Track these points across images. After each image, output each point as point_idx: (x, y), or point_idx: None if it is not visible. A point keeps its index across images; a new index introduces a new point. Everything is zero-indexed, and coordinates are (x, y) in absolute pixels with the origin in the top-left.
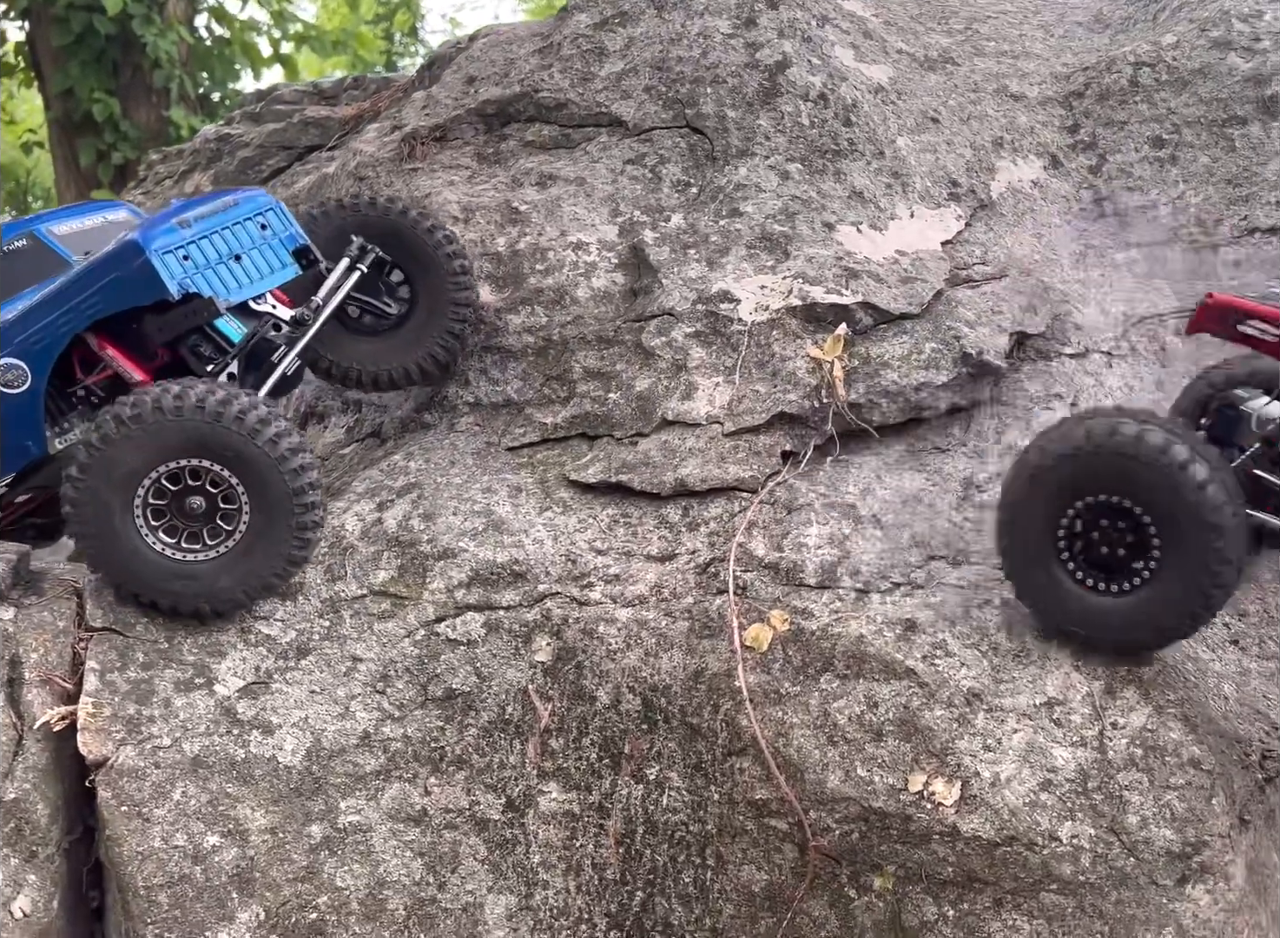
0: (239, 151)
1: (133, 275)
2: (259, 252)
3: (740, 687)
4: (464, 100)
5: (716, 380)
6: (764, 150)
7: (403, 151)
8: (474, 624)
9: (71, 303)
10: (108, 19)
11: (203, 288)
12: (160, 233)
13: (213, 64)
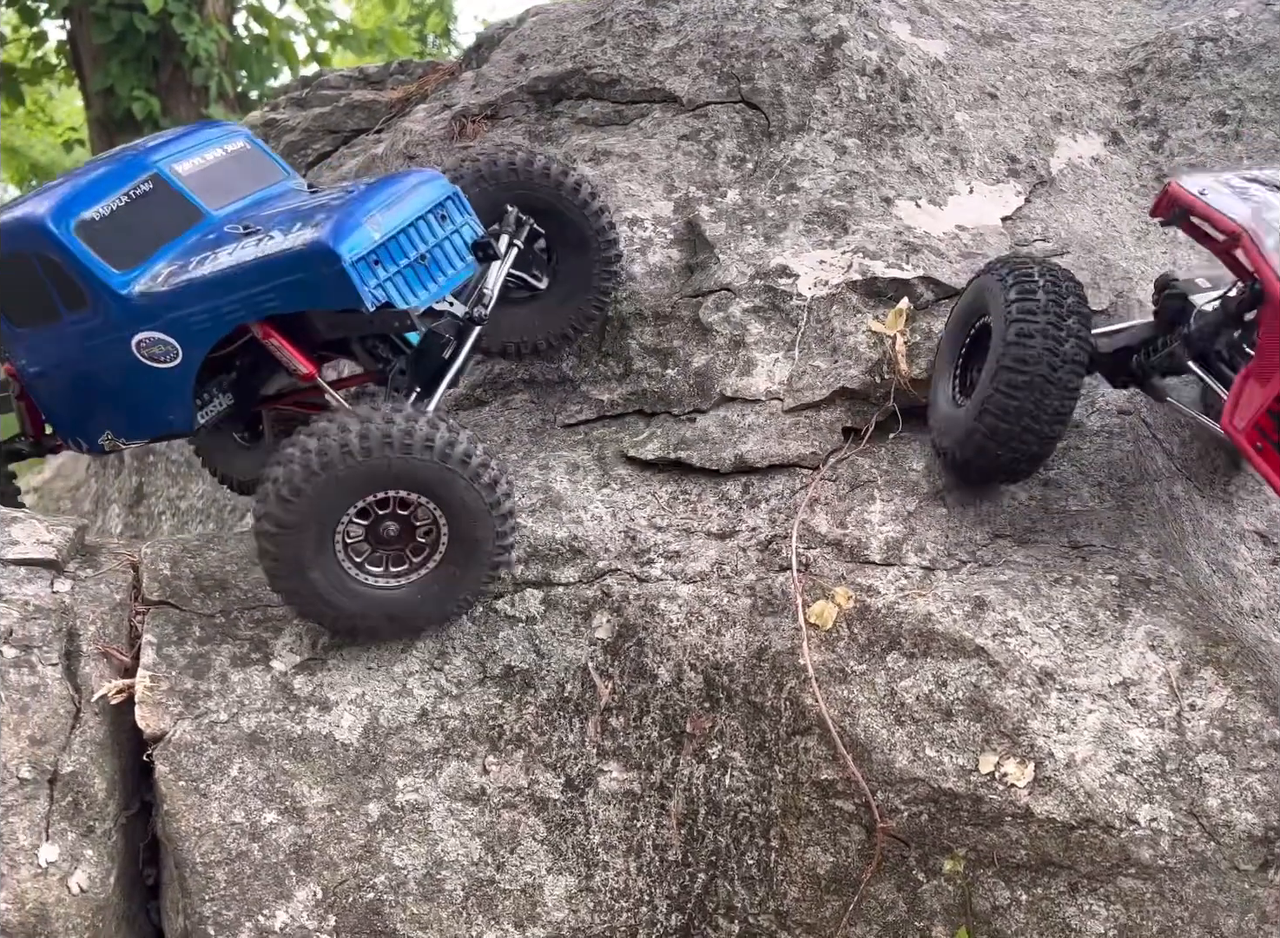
0: (284, 136)
1: (323, 282)
2: (441, 249)
3: (805, 664)
4: (515, 78)
5: (775, 356)
6: (820, 125)
7: (453, 130)
8: (533, 601)
9: (244, 293)
10: (148, 17)
11: (394, 298)
12: (352, 235)
13: (250, 62)
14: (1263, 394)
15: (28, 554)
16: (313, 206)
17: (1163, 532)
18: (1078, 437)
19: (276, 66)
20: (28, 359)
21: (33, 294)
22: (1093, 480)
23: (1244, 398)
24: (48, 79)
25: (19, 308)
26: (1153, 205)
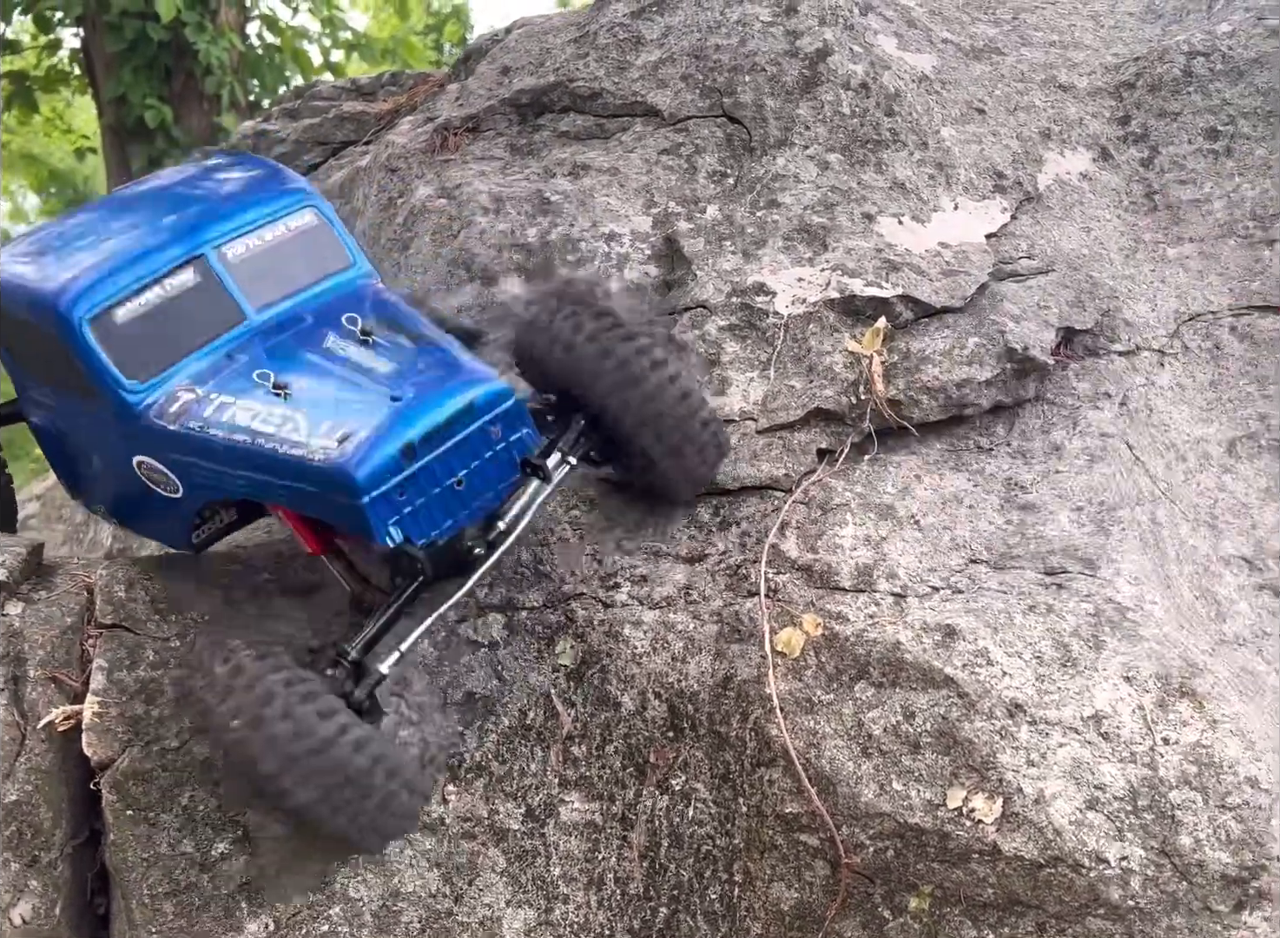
0: (275, 148)
1: (335, 505)
2: (482, 467)
3: (770, 694)
4: (498, 91)
5: (750, 375)
6: (803, 140)
7: (435, 143)
8: (495, 625)
9: (252, 474)
10: (161, 26)
11: (411, 532)
12: (379, 461)
13: (263, 71)
14: None
15: None
16: (351, 383)
17: (1143, 557)
18: (1056, 459)
19: (289, 75)
20: (33, 407)
21: (43, 357)
22: (1072, 504)
23: None
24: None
25: (27, 358)
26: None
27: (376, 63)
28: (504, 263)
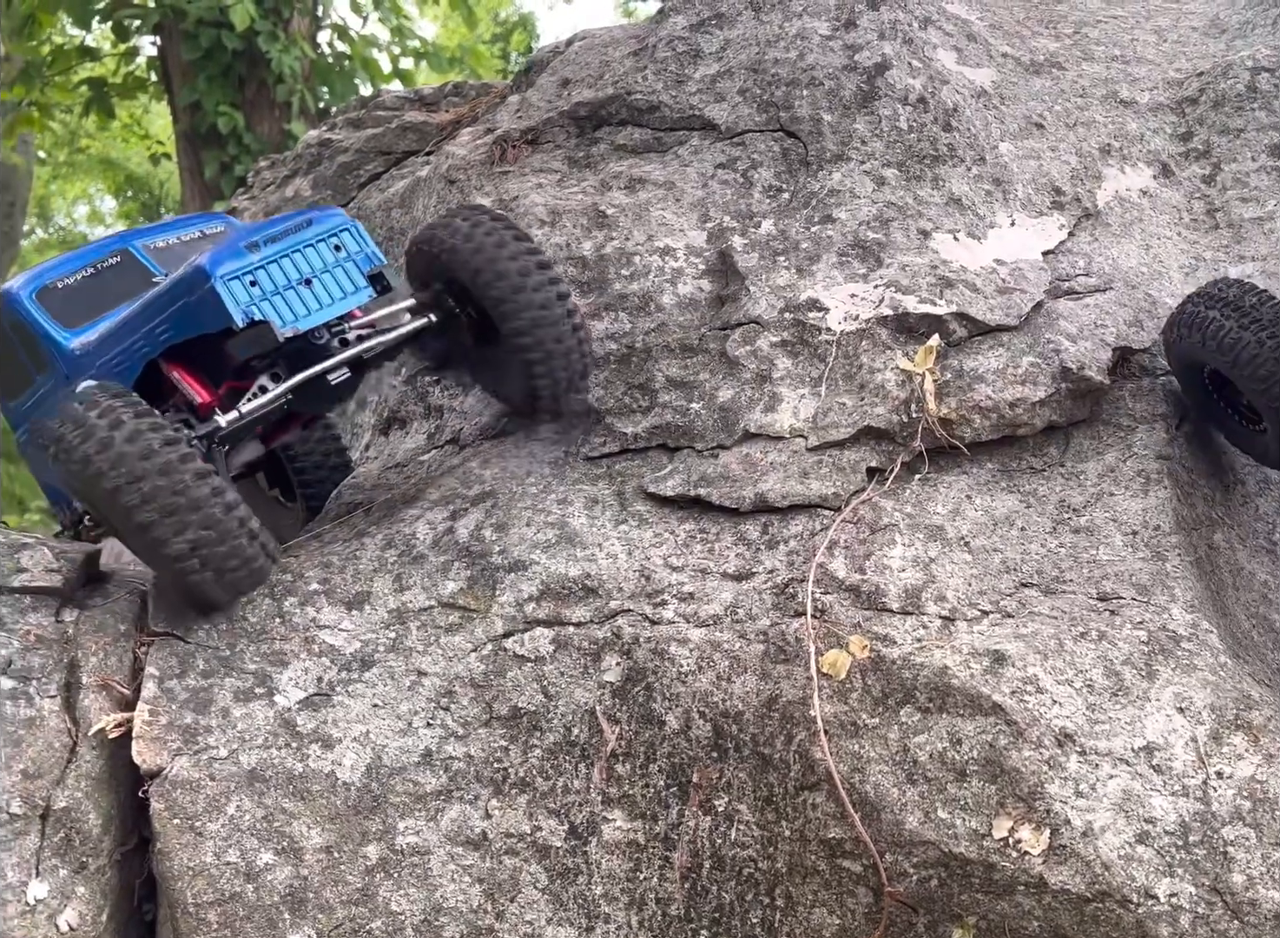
0: (338, 157)
1: (200, 301)
2: (331, 274)
3: (815, 717)
4: (557, 103)
5: (802, 392)
6: (860, 155)
7: (494, 155)
8: (542, 640)
9: (146, 327)
10: (235, 35)
11: (269, 315)
12: (227, 257)
13: (333, 79)
14: None
15: (34, 582)
16: (210, 243)
17: (1198, 584)
18: (1111, 482)
19: (358, 83)
20: (19, 430)
21: (14, 364)
22: (1127, 528)
23: None
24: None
25: (7, 380)
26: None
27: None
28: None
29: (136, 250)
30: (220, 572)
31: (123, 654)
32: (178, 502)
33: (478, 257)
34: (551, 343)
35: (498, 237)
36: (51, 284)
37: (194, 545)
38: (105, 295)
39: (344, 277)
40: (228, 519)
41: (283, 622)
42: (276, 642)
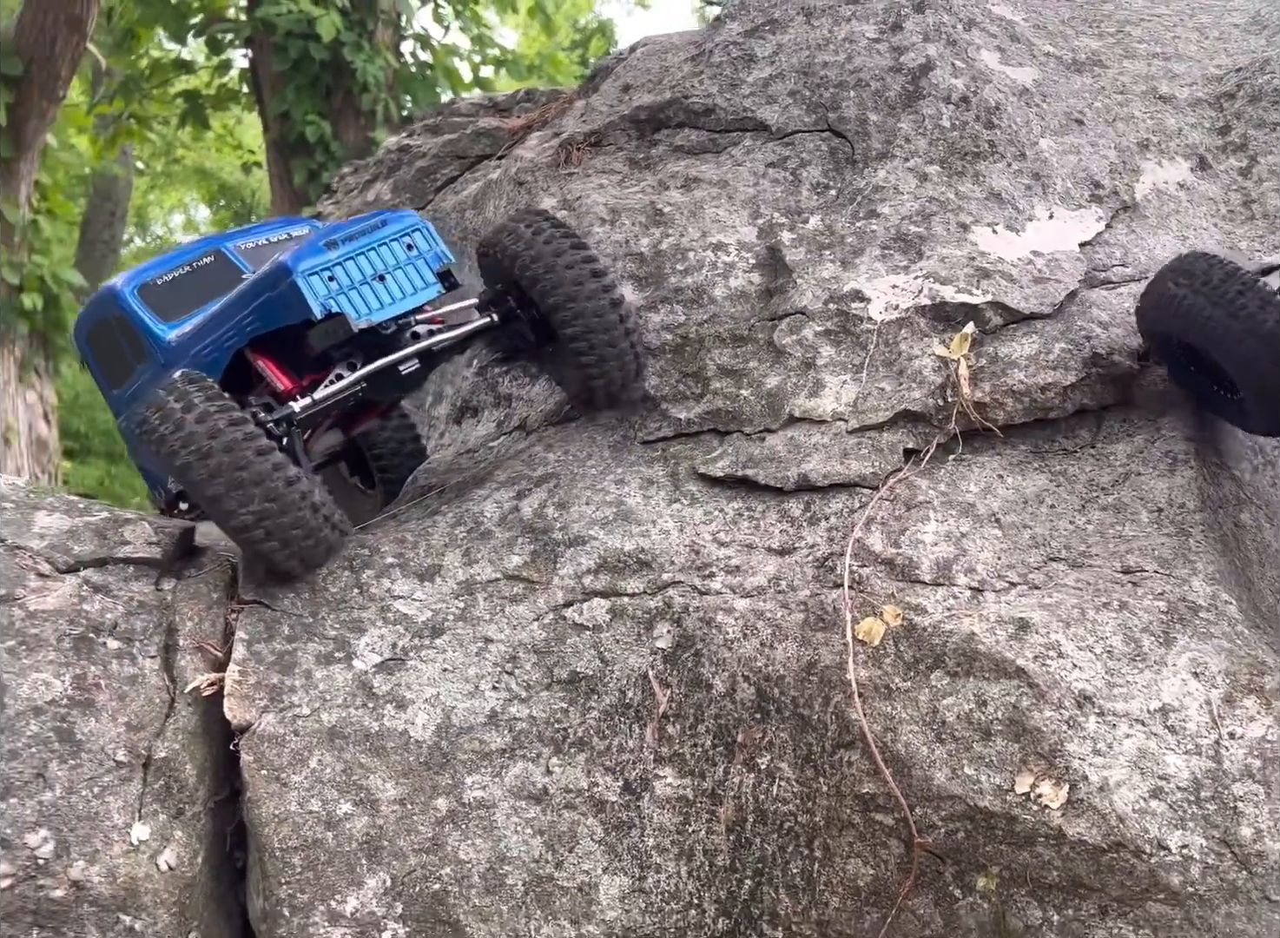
0: (416, 162)
1: (282, 295)
2: (403, 271)
3: (850, 680)
4: (619, 107)
5: (844, 378)
6: (904, 153)
7: (559, 157)
8: (599, 610)
9: (234, 320)
10: (322, 45)
11: (345, 307)
12: (308, 254)
13: (415, 87)
14: None
15: (136, 553)
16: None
17: (1221, 559)
18: (1140, 462)
19: (440, 91)
20: (121, 417)
21: (117, 355)
22: (1153, 506)
23: None
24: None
25: (112, 370)
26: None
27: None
28: (618, 271)
29: (228, 250)
30: (286, 542)
31: (215, 620)
32: (241, 476)
33: (536, 263)
34: (604, 347)
35: (555, 244)
36: (151, 281)
37: (259, 517)
38: (199, 291)
39: (415, 273)
40: (289, 492)
41: (361, 592)
42: (355, 610)
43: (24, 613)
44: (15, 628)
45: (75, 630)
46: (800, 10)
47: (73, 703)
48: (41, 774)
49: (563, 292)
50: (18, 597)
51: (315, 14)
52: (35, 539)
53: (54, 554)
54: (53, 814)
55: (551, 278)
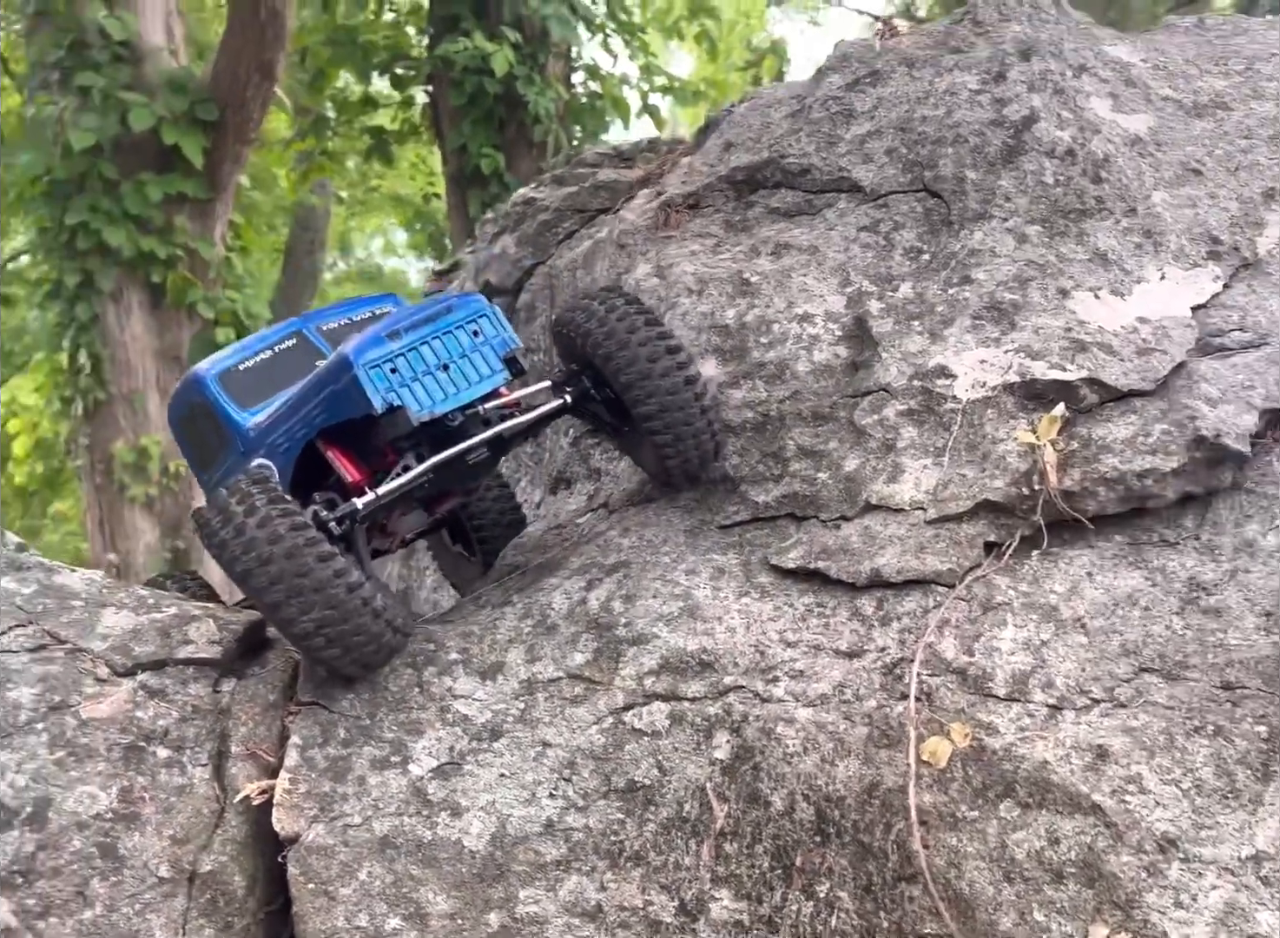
0: (539, 215)
1: (345, 388)
2: (468, 359)
3: (912, 807)
4: (718, 167)
5: (925, 463)
6: (1002, 212)
7: (659, 219)
8: (659, 715)
9: (303, 410)
10: (496, 80)
11: (406, 400)
12: (370, 346)
13: (585, 118)
14: None
15: (197, 654)
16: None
17: None
18: (1248, 557)
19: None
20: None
21: (204, 440)
22: (1260, 610)
23: None
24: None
25: (201, 454)
26: None
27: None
28: (702, 345)
29: (310, 332)
30: (347, 648)
31: (271, 723)
32: (301, 583)
33: (609, 341)
34: (680, 426)
35: (629, 322)
36: (233, 367)
37: (319, 624)
38: (278, 377)
39: (480, 361)
40: (350, 599)
41: (421, 691)
42: (414, 711)
43: (76, 722)
44: (66, 737)
45: (126, 739)
46: (902, 61)
47: (117, 817)
48: (82, 892)
49: (636, 369)
50: (72, 705)
51: (489, 49)
52: (98, 641)
53: (114, 657)
54: (92, 933)
55: (625, 355)
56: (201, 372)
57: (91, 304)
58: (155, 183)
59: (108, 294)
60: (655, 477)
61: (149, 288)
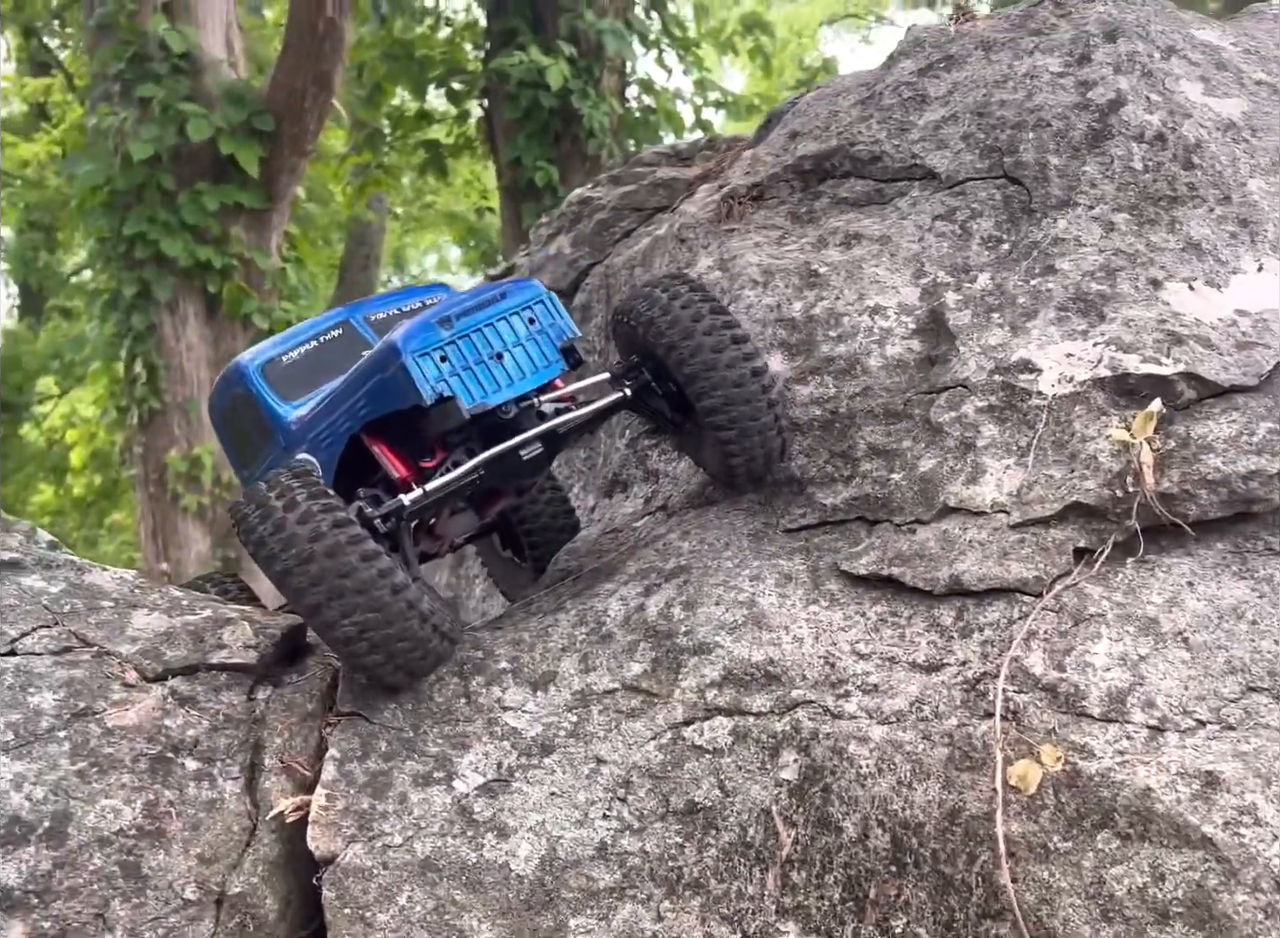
0: (595, 214)
1: (393, 378)
2: (523, 348)
3: (999, 836)
4: (783, 157)
5: (1007, 463)
6: (1088, 200)
7: (721, 212)
8: (721, 731)
9: (348, 403)
10: (551, 94)
11: (456, 390)
12: (418, 333)
13: (638, 132)
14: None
15: (231, 659)
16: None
17: None
18: None
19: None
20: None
21: (245, 435)
22: None
23: None
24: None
25: (242, 450)
26: None
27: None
28: (767, 339)
29: (357, 322)
30: (391, 655)
31: (308, 734)
32: (344, 584)
33: (673, 331)
34: (745, 421)
35: (694, 309)
36: (277, 357)
37: (362, 628)
38: (323, 368)
39: (536, 350)
40: (395, 602)
41: (468, 702)
42: (460, 723)
43: (100, 730)
44: (90, 747)
45: (153, 750)
46: (979, 44)
47: (142, 833)
48: (102, 915)
49: (700, 360)
50: (97, 712)
51: (545, 63)
52: (127, 644)
53: (143, 661)
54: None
55: (689, 345)
56: (244, 362)
57: (148, 314)
58: (212, 193)
59: (164, 304)
60: (717, 477)
61: (205, 298)
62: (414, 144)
